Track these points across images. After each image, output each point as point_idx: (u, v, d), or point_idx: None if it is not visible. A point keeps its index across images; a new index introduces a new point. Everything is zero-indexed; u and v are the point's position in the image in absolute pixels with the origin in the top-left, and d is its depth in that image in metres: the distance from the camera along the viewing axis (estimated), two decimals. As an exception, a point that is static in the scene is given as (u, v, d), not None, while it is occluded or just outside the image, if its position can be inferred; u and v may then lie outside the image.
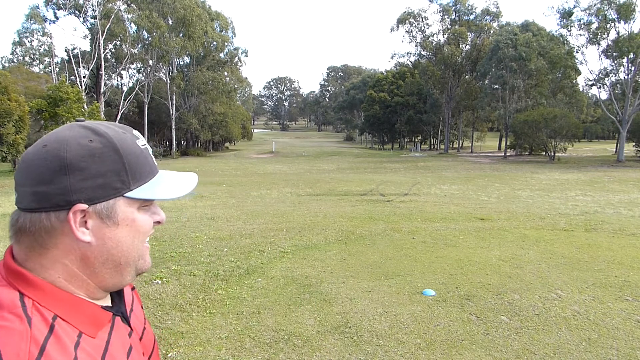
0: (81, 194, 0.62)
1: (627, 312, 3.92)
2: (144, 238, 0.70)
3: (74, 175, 0.62)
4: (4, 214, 9.98)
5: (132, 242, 0.68)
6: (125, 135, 0.67)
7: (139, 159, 0.67)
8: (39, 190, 0.62)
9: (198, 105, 52.74)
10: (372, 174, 25.31)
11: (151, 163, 0.70)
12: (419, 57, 56.52)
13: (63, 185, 0.61)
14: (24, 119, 24.62)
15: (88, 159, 0.62)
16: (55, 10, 36.89)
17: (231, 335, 3.43)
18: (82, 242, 0.63)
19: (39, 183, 0.62)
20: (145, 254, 0.72)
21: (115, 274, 0.68)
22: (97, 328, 0.66)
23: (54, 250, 0.63)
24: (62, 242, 0.63)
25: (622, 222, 8.59)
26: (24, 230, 0.64)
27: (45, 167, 0.62)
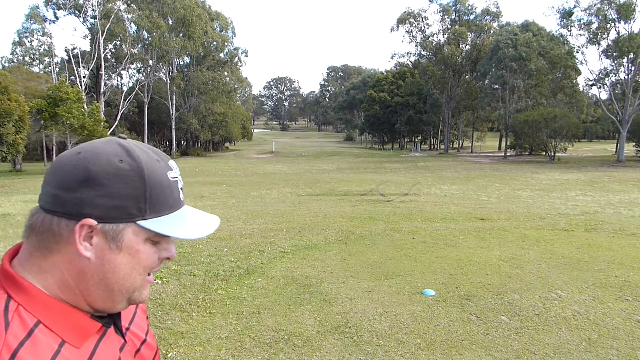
0: (94, 209, 0.62)
1: (627, 312, 3.92)
2: (144, 271, 0.67)
3: (93, 189, 0.61)
4: (4, 214, 9.98)
5: (129, 272, 0.66)
6: (158, 163, 0.66)
7: (163, 190, 0.66)
8: (58, 193, 0.63)
9: (198, 105, 52.74)
10: (372, 174, 25.32)
11: (176, 197, 0.68)
12: (419, 57, 56.53)
13: (80, 196, 0.61)
14: (24, 119, 24.61)
15: (112, 177, 0.62)
16: (55, 10, 36.92)
17: (231, 335, 3.43)
18: (82, 256, 0.63)
19: (61, 187, 0.62)
20: (143, 287, 0.69)
21: (107, 298, 0.66)
22: (82, 338, 0.65)
23: (55, 255, 0.63)
24: (65, 250, 0.63)
25: (622, 222, 8.58)
26: (34, 227, 0.64)
27: (71, 174, 0.62)
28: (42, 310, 0.62)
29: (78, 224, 0.61)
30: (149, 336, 0.82)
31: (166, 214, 0.66)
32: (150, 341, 0.82)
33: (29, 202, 12.29)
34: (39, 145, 41.33)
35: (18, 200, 12.84)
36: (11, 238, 7.24)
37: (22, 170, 30.08)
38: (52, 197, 0.63)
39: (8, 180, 21.05)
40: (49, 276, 0.64)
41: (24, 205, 11.45)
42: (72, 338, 0.64)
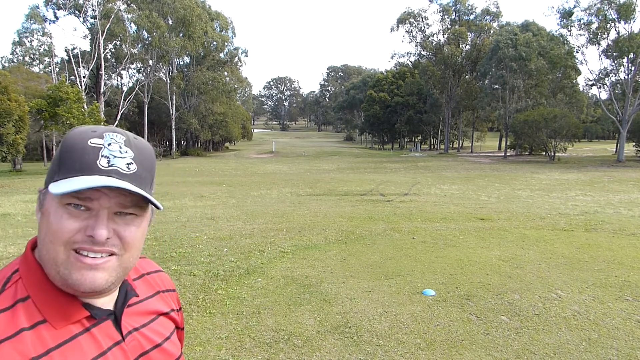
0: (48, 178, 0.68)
1: (627, 312, 3.92)
2: (55, 239, 0.65)
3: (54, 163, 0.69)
4: (4, 214, 9.98)
5: (44, 237, 0.67)
6: (85, 133, 0.68)
7: (73, 153, 0.66)
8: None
9: (198, 105, 52.73)
10: (372, 174, 25.32)
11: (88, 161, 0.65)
12: (419, 57, 56.53)
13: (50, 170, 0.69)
14: (24, 119, 24.60)
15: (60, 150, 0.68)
16: (55, 10, 36.91)
17: (231, 335, 3.43)
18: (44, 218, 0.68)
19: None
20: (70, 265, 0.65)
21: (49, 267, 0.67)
22: (64, 320, 0.66)
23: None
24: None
25: (622, 222, 8.58)
26: None
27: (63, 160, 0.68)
28: (34, 286, 0.67)
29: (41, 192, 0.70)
30: (168, 344, 0.81)
31: (70, 176, 0.64)
32: (170, 348, 0.81)
33: (29, 202, 12.29)
34: (39, 145, 41.34)
35: (18, 200, 12.84)
36: (11, 238, 7.24)
37: (22, 170, 30.08)
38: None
39: (8, 180, 21.05)
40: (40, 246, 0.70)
41: (24, 205, 11.45)
42: (53, 319, 0.65)
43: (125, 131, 0.72)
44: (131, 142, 0.71)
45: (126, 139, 0.70)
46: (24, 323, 0.63)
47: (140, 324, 0.78)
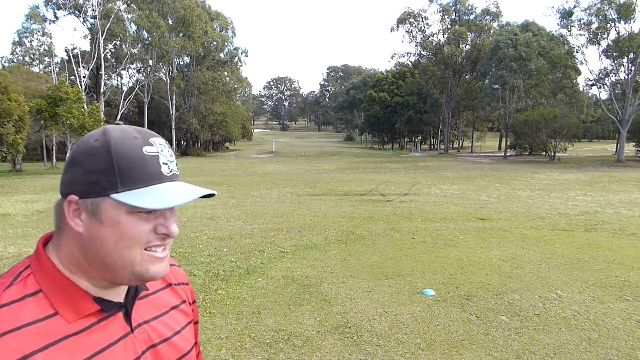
0: (76, 186, 0.68)
1: (627, 312, 3.92)
2: (134, 244, 0.69)
3: (75, 169, 0.69)
4: (4, 214, 9.98)
5: (115, 245, 0.68)
6: (133, 140, 0.69)
7: (134, 164, 0.68)
8: (61, 178, 0.72)
9: (198, 105, 52.72)
10: (372, 174, 25.32)
11: (152, 171, 0.69)
12: (419, 57, 56.53)
13: (69, 177, 0.69)
14: (24, 119, 24.59)
15: (86, 155, 0.68)
16: (55, 10, 36.91)
17: (231, 335, 3.43)
18: (78, 232, 0.69)
19: (63, 172, 0.72)
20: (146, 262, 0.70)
21: (105, 270, 0.70)
22: (76, 314, 0.69)
23: (65, 233, 0.71)
24: (68, 227, 0.70)
25: (622, 222, 8.58)
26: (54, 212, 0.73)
27: (66, 159, 0.72)
28: (47, 281, 0.69)
29: (66, 202, 0.69)
30: (178, 338, 0.83)
31: (140, 187, 0.68)
32: (179, 343, 0.82)
33: (29, 202, 12.29)
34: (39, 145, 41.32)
35: (18, 200, 12.84)
36: (11, 238, 7.24)
37: (22, 170, 30.08)
38: (60, 183, 0.72)
39: (8, 180, 21.05)
40: (61, 252, 0.71)
41: (24, 205, 11.45)
42: (66, 312, 0.68)
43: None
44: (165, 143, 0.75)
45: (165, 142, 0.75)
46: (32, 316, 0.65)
47: (150, 316, 0.80)
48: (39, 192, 15.60)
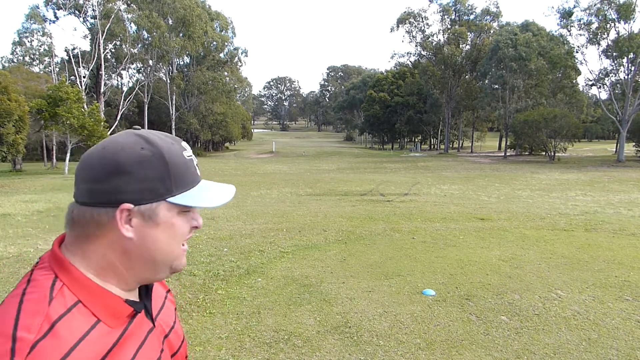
0: (128, 194, 0.69)
1: (627, 312, 3.92)
2: (180, 240, 0.76)
3: (124, 177, 0.69)
4: (4, 214, 9.98)
5: (168, 243, 0.74)
6: (173, 145, 0.74)
7: (182, 168, 0.73)
8: (94, 187, 0.69)
9: (198, 105, 52.71)
10: (372, 174, 25.32)
11: (193, 173, 0.75)
12: (419, 57, 56.53)
13: (115, 185, 0.69)
14: (24, 119, 24.58)
15: (137, 164, 0.69)
16: (55, 10, 36.91)
17: (231, 335, 3.43)
18: (125, 237, 0.70)
19: (94, 181, 0.69)
20: (181, 256, 0.77)
21: (150, 269, 0.75)
22: (116, 319, 0.71)
23: (100, 240, 0.71)
24: (107, 235, 0.70)
25: (622, 222, 8.58)
26: (76, 220, 0.71)
27: (102, 167, 0.69)
28: (82, 291, 0.70)
29: (118, 210, 0.69)
30: (176, 325, 0.90)
31: (189, 188, 0.74)
32: (178, 330, 0.89)
33: (29, 202, 12.29)
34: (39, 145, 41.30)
35: (18, 200, 12.84)
36: (11, 238, 7.24)
37: (22, 170, 30.08)
38: (88, 192, 0.70)
39: (8, 180, 21.05)
40: (91, 260, 0.72)
41: (24, 205, 11.45)
42: (106, 318, 0.70)
43: None
44: None
45: None
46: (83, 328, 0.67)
47: (157, 309, 0.84)
48: (39, 192, 15.61)
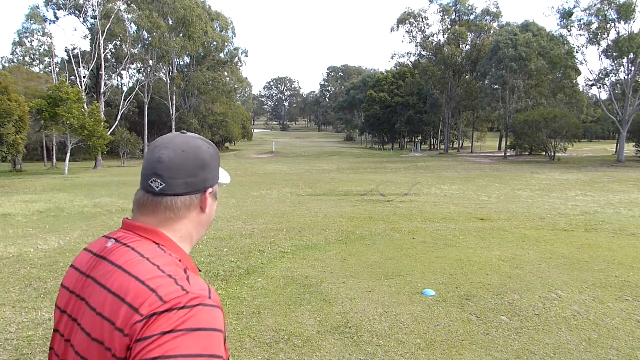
0: (209, 181, 0.94)
1: (627, 312, 3.92)
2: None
3: (207, 170, 0.93)
4: (4, 214, 9.98)
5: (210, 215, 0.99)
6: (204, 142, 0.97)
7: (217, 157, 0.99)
8: (189, 180, 0.90)
9: (198, 105, 52.69)
10: (372, 174, 25.33)
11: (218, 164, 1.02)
12: (419, 57, 56.52)
13: (203, 177, 0.92)
14: (24, 119, 24.58)
15: (211, 159, 0.94)
16: (55, 10, 36.88)
17: (231, 335, 3.43)
18: (203, 213, 0.95)
19: (189, 176, 0.90)
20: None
21: (203, 233, 1.00)
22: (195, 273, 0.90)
23: (187, 218, 0.93)
24: (192, 213, 0.93)
25: (622, 222, 8.58)
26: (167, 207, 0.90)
27: (194, 166, 0.90)
28: (179, 254, 0.90)
29: (206, 193, 0.94)
30: None
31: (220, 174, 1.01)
32: None
33: (29, 202, 12.29)
34: (39, 145, 41.30)
35: (18, 200, 12.84)
36: (11, 238, 7.24)
37: (22, 170, 30.07)
38: (184, 184, 0.90)
39: (8, 180, 21.05)
40: (176, 233, 0.92)
41: (24, 205, 11.45)
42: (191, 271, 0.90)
43: None
44: None
45: None
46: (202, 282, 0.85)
47: None
48: (39, 192, 15.61)
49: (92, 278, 0.86)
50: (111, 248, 0.89)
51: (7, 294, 4.33)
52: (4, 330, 3.47)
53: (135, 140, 39.55)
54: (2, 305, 4.03)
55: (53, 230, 7.98)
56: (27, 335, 3.38)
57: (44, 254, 6.00)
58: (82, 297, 0.85)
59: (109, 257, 0.86)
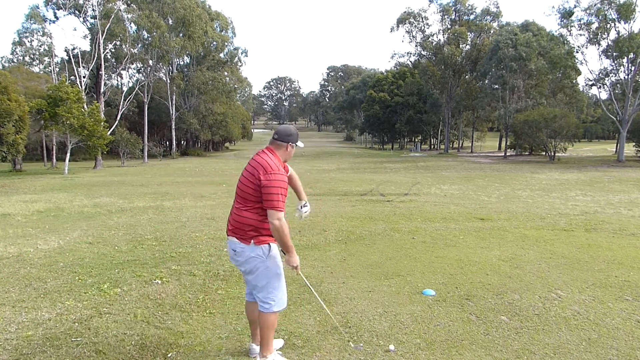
0: (292, 140, 2.98)
1: (627, 312, 3.92)
2: (290, 155, 3.06)
3: (292, 136, 2.98)
4: (4, 214, 9.98)
5: (292, 153, 3.05)
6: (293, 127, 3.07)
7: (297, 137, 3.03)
8: (283, 137, 2.95)
9: (198, 105, 52.68)
10: (372, 174, 25.33)
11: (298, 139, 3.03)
12: (419, 57, 56.54)
13: (289, 138, 2.96)
14: (24, 119, 24.59)
15: (294, 132, 3.02)
16: (55, 10, 36.89)
17: (231, 335, 3.43)
18: (288, 151, 3.00)
19: (286, 136, 2.96)
20: (289, 156, 3.11)
21: (287, 158, 3.06)
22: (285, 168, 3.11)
23: (282, 149, 2.99)
24: (286, 148, 3.00)
25: (622, 222, 8.59)
26: (277, 144, 2.98)
27: (284, 133, 2.98)
28: (277, 159, 2.94)
29: (289, 145, 2.98)
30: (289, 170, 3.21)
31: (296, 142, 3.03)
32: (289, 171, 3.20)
33: (29, 202, 12.29)
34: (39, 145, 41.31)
35: (18, 200, 12.84)
36: (11, 238, 7.24)
37: (22, 170, 30.07)
38: (284, 137, 2.95)
39: (8, 180, 21.05)
40: (279, 152, 2.97)
41: (24, 205, 11.45)
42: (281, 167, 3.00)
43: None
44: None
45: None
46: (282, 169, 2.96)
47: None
48: (39, 192, 15.61)
49: (250, 160, 2.94)
50: (257, 152, 2.95)
51: (7, 294, 4.33)
52: (4, 330, 3.47)
53: (135, 140, 39.55)
54: (2, 305, 4.03)
55: (53, 230, 7.99)
56: (27, 335, 3.38)
57: (44, 254, 6.00)
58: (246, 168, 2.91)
59: (255, 155, 2.94)
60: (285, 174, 2.86)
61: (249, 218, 2.80)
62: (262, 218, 2.82)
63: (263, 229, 2.84)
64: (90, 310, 3.88)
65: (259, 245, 2.83)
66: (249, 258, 2.84)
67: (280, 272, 2.93)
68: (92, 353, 3.11)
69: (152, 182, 19.58)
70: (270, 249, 2.87)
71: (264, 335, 2.91)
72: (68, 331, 3.46)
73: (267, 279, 2.87)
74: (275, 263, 2.89)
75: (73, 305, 4.02)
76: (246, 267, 2.90)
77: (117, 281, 4.70)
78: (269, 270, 2.86)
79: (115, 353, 3.12)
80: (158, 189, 16.21)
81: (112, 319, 3.70)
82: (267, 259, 2.84)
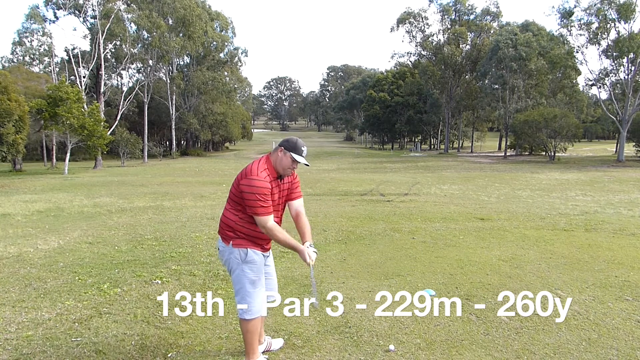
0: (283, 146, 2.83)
1: (627, 312, 3.92)
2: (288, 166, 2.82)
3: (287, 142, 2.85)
4: (4, 214, 9.98)
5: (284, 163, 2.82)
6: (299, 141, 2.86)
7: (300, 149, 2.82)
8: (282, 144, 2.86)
9: (198, 105, 52.67)
10: (372, 174, 25.34)
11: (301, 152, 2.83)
12: (419, 57, 56.55)
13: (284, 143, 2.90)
14: (24, 119, 24.58)
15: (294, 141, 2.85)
16: (55, 10, 36.90)
17: (231, 335, 3.43)
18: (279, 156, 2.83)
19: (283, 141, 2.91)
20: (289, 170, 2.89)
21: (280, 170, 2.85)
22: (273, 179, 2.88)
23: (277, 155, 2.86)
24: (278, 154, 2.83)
25: (622, 222, 8.59)
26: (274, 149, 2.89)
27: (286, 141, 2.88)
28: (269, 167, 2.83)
29: (280, 149, 2.82)
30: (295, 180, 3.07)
31: (297, 153, 2.80)
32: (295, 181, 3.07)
33: (29, 202, 12.29)
34: (39, 145, 41.29)
35: (18, 200, 12.85)
36: (11, 238, 7.24)
37: (22, 170, 30.07)
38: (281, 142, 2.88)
39: (8, 180, 21.05)
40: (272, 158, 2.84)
41: (24, 205, 11.45)
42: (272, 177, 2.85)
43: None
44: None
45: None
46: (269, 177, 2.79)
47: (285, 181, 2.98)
48: (39, 192, 15.62)
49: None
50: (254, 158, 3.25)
51: (7, 294, 4.33)
52: (3, 330, 3.47)
53: (135, 140, 39.54)
54: (2, 305, 4.03)
55: (53, 230, 7.98)
56: (27, 335, 3.38)
57: (44, 254, 6.00)
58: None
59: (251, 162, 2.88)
60: (268, 179, 2.72)
61: (228, 218, 2.85)
62: (240, 221, 2.81)
63: (240, 232, 2.82)
64: (90, 310, 3.88)
65: (236, 249, 2.82)
66: (227, 259, 2.86)
67: (258, 280, 2.86)
68: (92, 353, 3.11)
69: (152, 182, 19.58)
70: (247, 255, 2.82)
71: (245, 340, 2.90)
72: (68, 331, 3.46)
73: (241, 284, 2.84)
74: (252, 270, 2.83)
75: (73, 305, 4.02)
76: (226, 267, 2.93)
77: (117, 281, 4.70)
78: (244, 275, 2.82)
79: (115, 353, 3.12)
80: (158, 189, 16.21)
81: (112, 319, 3.70)
82: (242, 263, 2.81)
